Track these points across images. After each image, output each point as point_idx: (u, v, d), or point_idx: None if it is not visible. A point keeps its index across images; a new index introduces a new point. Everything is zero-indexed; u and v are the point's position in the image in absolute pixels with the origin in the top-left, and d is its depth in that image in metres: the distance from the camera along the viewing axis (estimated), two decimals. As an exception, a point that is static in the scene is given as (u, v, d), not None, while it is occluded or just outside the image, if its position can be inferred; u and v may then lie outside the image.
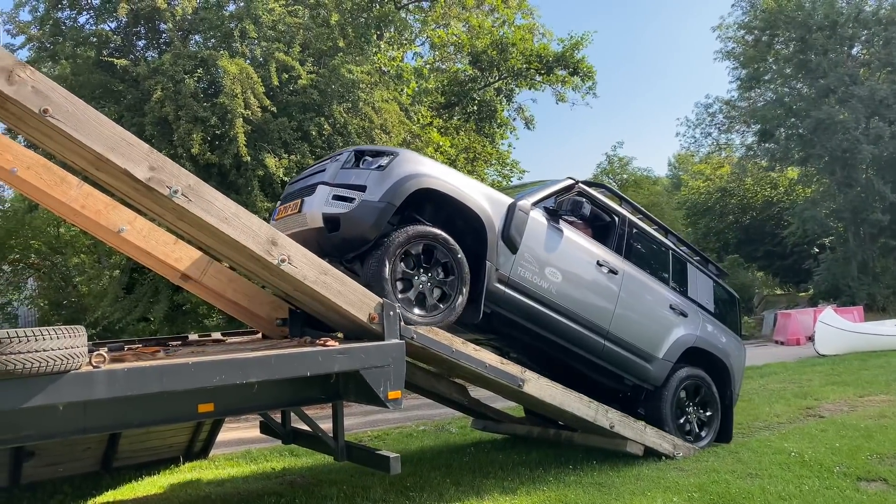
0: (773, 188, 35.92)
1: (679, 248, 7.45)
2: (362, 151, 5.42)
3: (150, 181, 3.86)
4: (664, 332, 6.77)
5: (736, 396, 7.61)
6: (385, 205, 4.96)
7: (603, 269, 6.29)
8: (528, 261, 5.71)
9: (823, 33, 26.72)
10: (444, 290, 5.21)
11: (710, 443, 7.07)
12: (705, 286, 7.52)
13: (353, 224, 4.94)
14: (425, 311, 5.09)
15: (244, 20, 13.31)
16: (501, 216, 5.60)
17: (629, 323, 6.44)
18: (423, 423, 9.49)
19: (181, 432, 7.12)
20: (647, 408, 6.84)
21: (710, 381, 7.16)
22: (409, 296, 5.05)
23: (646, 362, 6.61)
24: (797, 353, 17.45)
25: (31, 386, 3.27)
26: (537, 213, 5.94)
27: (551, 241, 5.94)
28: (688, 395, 7.02)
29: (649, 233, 7.10)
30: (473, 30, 21.14)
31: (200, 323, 14.96)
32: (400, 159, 5.20)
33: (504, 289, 5.58)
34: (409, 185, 5.07)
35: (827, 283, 27.79)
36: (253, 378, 3.99)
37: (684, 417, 6.99)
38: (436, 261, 5.18)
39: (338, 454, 5.26)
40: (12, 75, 3.48)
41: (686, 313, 7.00)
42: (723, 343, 7.39)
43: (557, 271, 5.91)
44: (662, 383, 6.76)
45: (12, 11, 14.13)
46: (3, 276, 17.89)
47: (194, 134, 12.17)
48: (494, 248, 5.49)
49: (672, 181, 49.10)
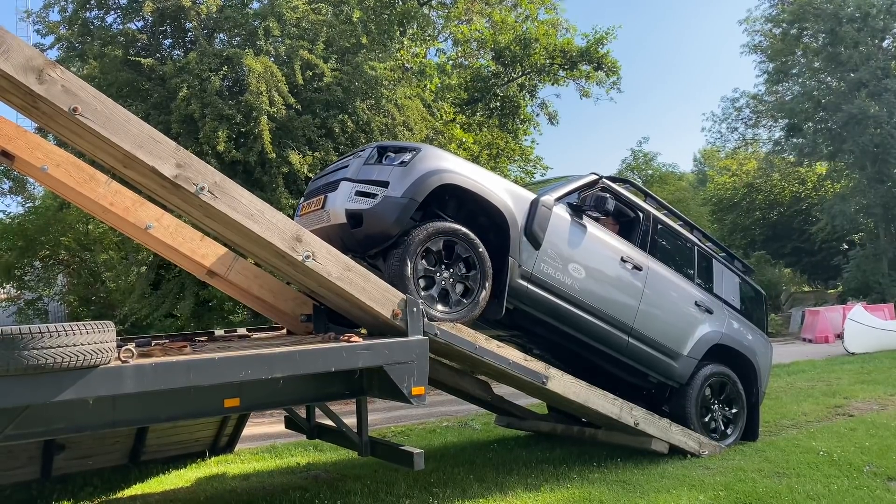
0: (800, 184, 35.32)
1: (704, 244, 7.37)
2: (385, 147, 5.42)
3: (177, 178, 3.91)
4: (689, 328, 6.70)
5: (762, 394, 7.52)
6: (408, 201, 4.96)
7: (627, 266, 6.24)
8: (551, 257, 5.68)
9: (854, 25, 26.17)
10: (467, 286, 5.19)
11: (735, 441, 7.00)
12: (731, 283, 7.44)
13: (376, 220, 4.94)
14: (448, 308, 5.08)
15: (268, 18, 13.38)
16: (524, 212, 5.58)
17: (653, 320, 6.38)
18: (446, 420, 9.50)
19: (207, 427, 7.21)
20: (671, 405, 6.78)
21: (735, 378, 7.07)
22: (432, 293, 5.05)
23: (670, 359, 6.55)
24: (826, 350, 17.19)
25: (62, 380, 3.33)
26: (561, 208, 5.90)
27: (575, 237, 5.91)
28: (713, 392, 6.95)
29: (674, 228, 7.04)
30: (496, 25, 21.05)
31: (226, 319, 15.11)
32: (422, 155, 5.19)
33: (527, 285, 5.56)
34: (432, 181, 5.06)
35: (856, 280, 27.29)
36: (278, 373, 4.03)
37: (709, 415, 6.92)
38: (458, 257, 5.16)
39: (362, 449, 5.29)
40: (43, 74, 3.54)
41: (711, 310, 6.92)
42: (749, 340, 7.31)
43: (581, 267, 5.88)
44: (687, 381, 6.70)
45: (42, 11, 14.40)
46: (33, 272, 18.22)
47: (220, 131, 12.27)
48: (517, 244, 5.47)
49: (698, 177, 48.60)
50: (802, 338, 21.50)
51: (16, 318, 18.01)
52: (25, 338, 3.17)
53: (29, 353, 3.17)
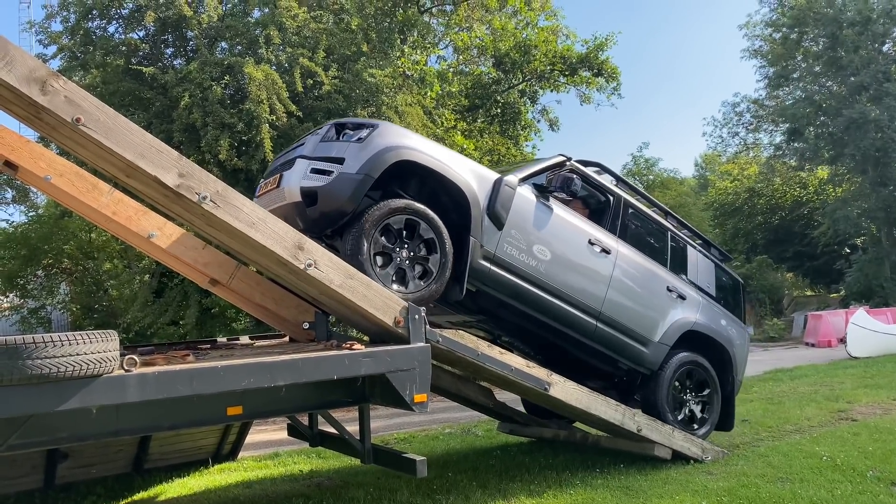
0: (802, 188, 35.35)
1: (680, 231, 7.23)
2: (343, 124, 5.28)
3: (180, 188, 3.92)
4: (660, 314, 6.54)
5: (738, 384, 7.37)
6: (363, 176, 4.84)
7: (595, 248, 6.08)
8: (514, 237, 5.53)
9: (854, 29, 26.23)
10: (426, 267, 5.06)
11: (709, 431, 6.88)
12: (706, 270, 7.30)
13: (331, 197, 4.82)
14: (404, 287, 4.94)
15: (269, 27, 13.45)
16: (487, 191, 5.44)
17: (623, 304, 6.23)
18: (448, 426, 9.50)
19: (210, 435, 7.21)
20: (642, 393, 6.62)
21: (709, 366, 6.90)
22: (389, 271, 4.91)
23: (641, 345, 6.38)
24: (828, 355, 17.17)
25: (65, 389, 3.33)
26: (526, 189, 5.75)
27: (540, 219, 5.75)
28: (686, 380, 6.78)
29: (646, 213, 6.89)
30: (497, 32, 21.11)
31: (228, 326, 15.13)
32: (380, 131, 5.08)
33: (490, 266, 5.41)
34: (388, 157, 4.93)
35: (859, 283, 27.27)
36: (281, 381, 4.03)
37: (683, 404, 6.76)
38: (417, 236, 5.04)
39: (364, 457, 5.29)
40: (46, 85, 3.56)
41: (685, 296, 6.77)
42: (724, 328, 7.16)
43: (546, 249, 5.72)
44: (659, 368, 6.51)
45: (44, 22, 14.46)
46: (36, 280, 18.23)
47: (221, 140, 12.32)
48: (479, 224, 5.32)
49: (699, 182, 48.59)
50: (805, 342, 21.49)
51: (19, 327, 18.02)
52: (29, 347, 3.18)
53: (33, 362, 3.18)
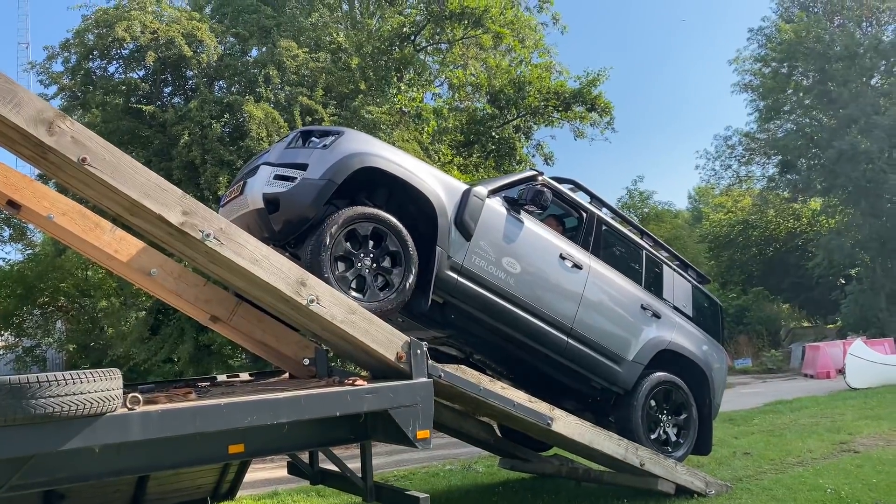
0: (795, 219, 35.55)
1: (658, 251, 7.21)
2: (310, 132, 5.28)
3: (184, 225, 3.96)
4: (634, 332, 6.45)
5: (717, 406, 7.25)
6: (326, 182, 4.80)
7: (566, 263, 6.01)
8: (483, 249, 5.47)
9: (843, 64, 26.69)
10: (388, 279, 5.01)
11: (686, 454, 6.76)
12: (683, 290, 7.25)
13: (293, 203, 4.78)
14: (362, 295, 4.87)
15: (268, 66, 13.65)
16: (455, 202, 5.42)
17: (595, 320, 6.14)
18: (448, 463, 9.41)
19: (209, 473, 7.11)
20: (617, 414, 6.50)
21: (685, 388, 6.78)
22: (348, 276, 4.85)
23: (614, 364, 6.27)
24: (828, 386, 17.11)
25: (68, 428, 3.31)
26: (496, 202, 5.73)
27: (510, 231, 5.72)
28: (661, 401, 6.66)
29: (621, 231, 6.87)
30: (491, 69, 21.42)
31: (225, 363, 15.01)
32: (345, 137, 5.08)
33: (457, 277, 5.33)
34: (353, 163, 4.90)
35: (854, 314, 27.27)
36: (283, 418, 4.01)
37: (658, 426, 6.63)
38: (383, 246, 5.00)
39: (366, 495, 5.24)
40: (53, 126, 3.62)
41: (660, 315, 6.70)
42: (700, 349, 7.06)
43: (516, 262, 5.66)
44: (633, 387, 6.39)
45: (45, 62, 14.63)
46: (32, 319, 18.16)
47: (221, 177, 12.42)
48: (446, 234, 5.27)
49: (693, 214, 48.84)
50: (804, 373, 21.42)
51: (14, 366, 17.88)
52: (33, 387, 3.17)
53: (37, 401, 3.17)
